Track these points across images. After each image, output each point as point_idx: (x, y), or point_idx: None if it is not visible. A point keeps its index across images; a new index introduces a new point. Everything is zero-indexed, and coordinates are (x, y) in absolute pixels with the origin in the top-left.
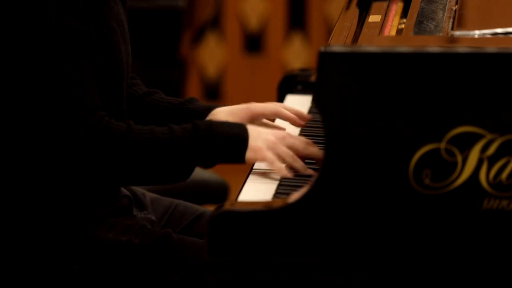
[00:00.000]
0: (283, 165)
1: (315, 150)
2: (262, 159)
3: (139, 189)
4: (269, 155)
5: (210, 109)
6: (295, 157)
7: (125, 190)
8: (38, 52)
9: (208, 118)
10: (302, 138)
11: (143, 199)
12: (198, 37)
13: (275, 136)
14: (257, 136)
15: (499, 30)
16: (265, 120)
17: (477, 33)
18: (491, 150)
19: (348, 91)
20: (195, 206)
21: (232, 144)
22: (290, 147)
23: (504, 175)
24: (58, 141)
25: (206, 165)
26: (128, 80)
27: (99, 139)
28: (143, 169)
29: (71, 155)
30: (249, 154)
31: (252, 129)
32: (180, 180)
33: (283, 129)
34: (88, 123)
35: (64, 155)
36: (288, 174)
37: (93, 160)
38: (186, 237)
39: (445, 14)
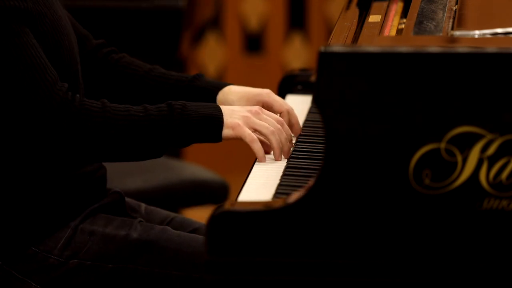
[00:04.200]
0: (262, 149)
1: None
2: (240, 135)
3: (134, 201)
4: (247, 131)
5: (219, 86)
6: (273, 130)
7: (114, 188)
8: None
9: (219, 97)
10: (276, 116)
11: (138, 208)
12: (198, 37)
13: (249, 111)
14: (232, 113)
15: (499, 30)
16: None
17: (477, 33)
18: (491, 150)
19: (348, 91)
20: (192, 220)
21: (206, 124)
22: (265, 121)
23: (504, 175)
24: (29, 119)
25: (182, 145)
26: (89, 50)
27: (72, 114)
28: (115, 145)
29: (44, 132)
30: (226, 132)
31: (226, 108)
32: (153, 158)
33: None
34: (56, 98)
35: (38, 132)
36: (263, 159)
37: (66, 137)
38: (185, 233)
39: (445, 14)
